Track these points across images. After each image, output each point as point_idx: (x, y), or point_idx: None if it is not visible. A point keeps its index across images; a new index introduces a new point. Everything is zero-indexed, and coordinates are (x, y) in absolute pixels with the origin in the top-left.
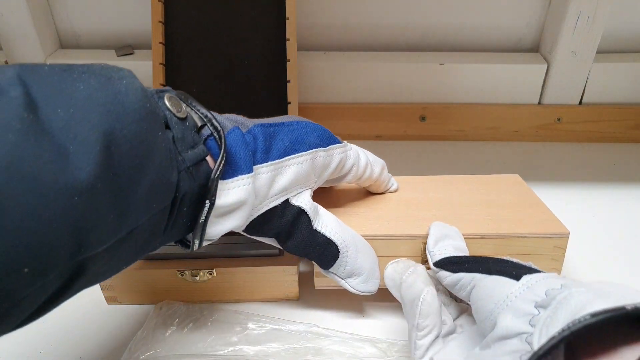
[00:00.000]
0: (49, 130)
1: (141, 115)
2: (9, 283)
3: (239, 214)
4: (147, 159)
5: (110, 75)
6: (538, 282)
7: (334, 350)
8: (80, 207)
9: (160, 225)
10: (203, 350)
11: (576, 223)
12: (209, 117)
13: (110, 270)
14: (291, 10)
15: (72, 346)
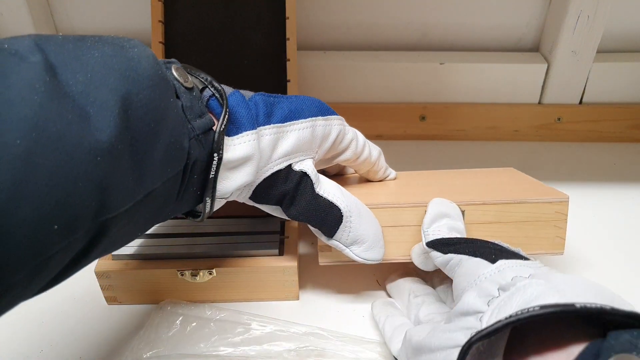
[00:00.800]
0: (69, 93)
1: (154, 81)
2: (40, 239)
3: (246, 170)
4: (161, 123)
5: (122, 44)
6: (510, 267)
7: (337, 352)
8: (103, 167)
9: (173, 191)
10: (206, 350)
11: (576, 223)
12: (209, 79)
13: (128, 235)
14: (291, 9)
15: (72, 346)
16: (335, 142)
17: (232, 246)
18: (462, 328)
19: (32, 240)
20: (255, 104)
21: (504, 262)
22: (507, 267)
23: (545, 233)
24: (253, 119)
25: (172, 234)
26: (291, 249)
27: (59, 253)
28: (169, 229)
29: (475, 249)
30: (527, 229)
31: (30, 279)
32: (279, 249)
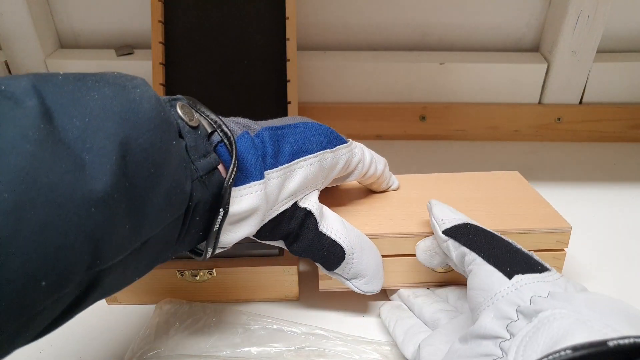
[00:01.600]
0: (64, 140)
1: (156, 123)
2: (27, 296)
3: (252, 221)
4: (162, 167)
5: (124, 84)
6: (527, 284)
7: (337, 353)
8: (97, 218)
9: (173, 235)
10: (206, 350)
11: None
12: (218, 122)
13: (124, 281)
14: (291, 9)
15: (72, 346)
16: (342, 169)
17: (232, 246)
18: (481, 355)
19: (18, 298)
20: (263, 142)
21: (520, 279)
22: (524, 285)
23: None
24: (261, 166)
25: None
26: None
27: (46, 309)
28: None
29: (490, 251)
30: None
31: (15, 336)
32: (279, 249)
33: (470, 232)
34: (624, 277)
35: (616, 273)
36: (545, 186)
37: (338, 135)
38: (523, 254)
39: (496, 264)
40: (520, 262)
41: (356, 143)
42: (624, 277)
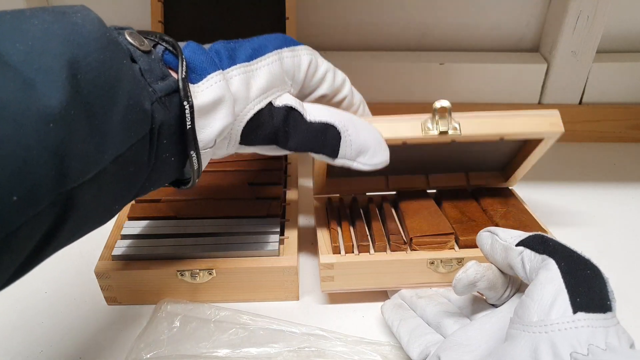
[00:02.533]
0: (9, 62)
1: (102, 43)
2: (2, 210)
3: (222, 112)
4: (116, 86)
5: (64, 11)
6: (588, 327)
7: (337, 353)
8: (56, 133)
9: (142, 157)
10: (206, 350)
11: (576, 223)
12: (159, 35)
13: (102, 207)
14: (291, 10)
15: (72, 346)
16: (307, 73)
17: (232, 246)
18: None
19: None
20: (216, 51)
21: (584, 318)
22: (585, 326)
23: None
24: (214, 63)
25: (172, 234)
26: (291, 249)
27: (23, 227)
28: (169, 229)
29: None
30: None
31: (1, 253)
32: (279, 250)
33: (547, 241)
34: (624, 277)
35: (616, 273)
36: (545, 186)
37: (295, 40)
38: (600, 282)
39: (569, 285)
40: (593, 295)
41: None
42: (624, 277)
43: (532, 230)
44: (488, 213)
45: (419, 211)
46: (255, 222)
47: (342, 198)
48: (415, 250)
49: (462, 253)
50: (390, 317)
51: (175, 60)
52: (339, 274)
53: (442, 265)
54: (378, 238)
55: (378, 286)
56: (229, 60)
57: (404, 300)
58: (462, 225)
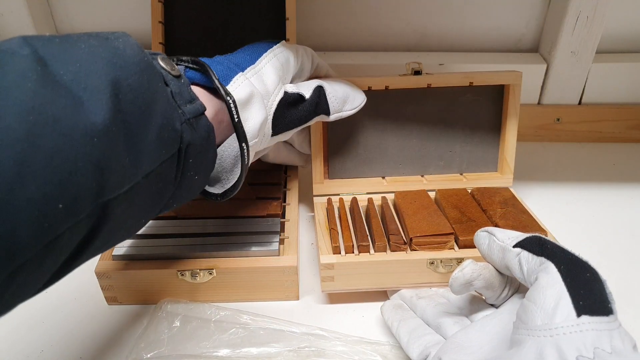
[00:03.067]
0: (60, 82)
1: (141, 67)
2: (48, 216)
3: (256, 105)
4: (152, 106)
5: (107, 37)
6: (593, 331)
7: (337, 353)
8: (99, 148)
9: (170, 175)
10: (206, 350)
11: (575, 223)
12: (176, 57)
13: (131, 220)
14: (291, 10)
15: (73, 346)
16: (306, 61)
17: (232, 246)
18: None
19: (39, 218)
20: (220, 62)
21: (588, 322)
22: (590, 330)
23: None
24: (233, 69)
25: (172, 234)
26: (291, 249)
27: (66, 233)
28: (169, 229)
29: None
30: None
31: (42, 259)
32: (279, 249)
33: (545, 243)
34: (624, 277)
35: (616, 273)
36: (544, 186)
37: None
38: (599, 285)
39: (570, 288)
40: (594, 298)
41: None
42: (624, 277)
43: (531, 230)
44: (487, 213)
45: (419, 211)
46: (256, 222)
47: (342, 198)
48: (415, 250)
49: (462, 253)
50: (390, 318)
51: (197, 75)
52: (339, 274)
53: (442, 265)
54: (378, 238)
55: (378, 286)
56: (237, 67)
57: (404, 300)
58: (462, 225)
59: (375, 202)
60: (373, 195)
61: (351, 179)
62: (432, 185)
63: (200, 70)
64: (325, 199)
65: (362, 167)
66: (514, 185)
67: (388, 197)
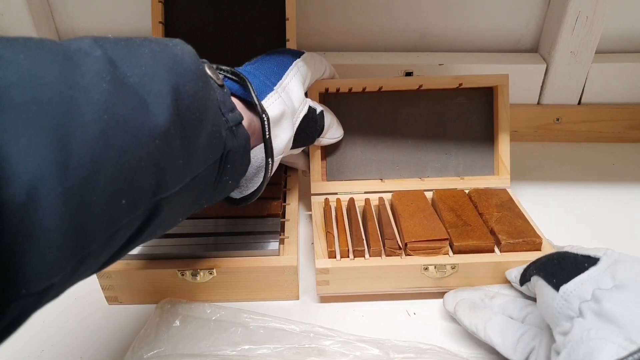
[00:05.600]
0: (128, 83)
1: (197, 75)
2: (113, 211)
3: (286, 123)
4: (205, 113)
5: (166, 43)
6: (573, 292)
7: (337, 351)
8: (160, 149)
9: (211, 178)
10: (206, 349)
11: (575, 223)
12: (218, 66)
13: (172, 218)
14: (291, 10)
15: (73, 346)
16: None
17: (232, 246)
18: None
19: (107, 212)
20: (255, 75)
21: (566, 289)
22: (570, 295)
23: None
24: (268, 85)
25: (172, 234)
26: (291, 249)
27: (123, 228)
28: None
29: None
30: None
31: (102, 250)
32: (279, 249)
33: (526, 271)
34: None
35: None
36: (544, 186)
37: (294, 50)
38: (569, 256)
39: (545, 277)
40: (566, 268)
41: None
42: None
43: (526, 236)
44: (484, 217)
45: (415, 214)
46: (256, 222)
47: (339, 198)
48: (409, 256)
49: (456, 259)
50: (472, 322)
51: (235, 86)
52: (334, 278)
53: (436, 270)
54: (373, 242)
55: (373, 290)
56: (267, 80)
57: (472, 302)
58: (457, 229)
59: (373, 202)
60: (370, 195)
61: (348, 181)
62: (430, 185)
63: (238, 82)
64: (322, 199)
65: (359, 168)
66: (514, 185)
67: (385, 198)
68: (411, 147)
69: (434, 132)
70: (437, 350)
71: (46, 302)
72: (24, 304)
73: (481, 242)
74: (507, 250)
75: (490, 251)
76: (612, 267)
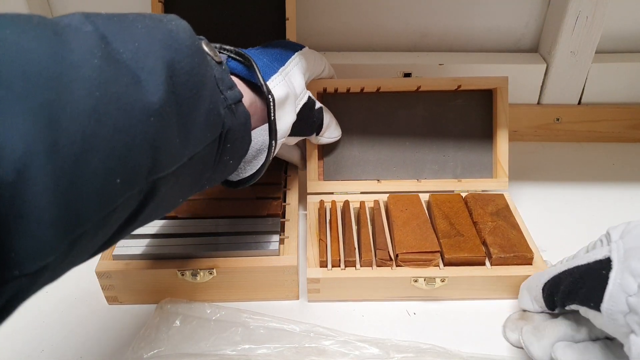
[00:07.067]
0: (121, 60)
1: (193, 50)
2: (107, 190)
3: (289, 107)
4: (202, 90)
5: (160, 18)
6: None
7: (337, 350)
8: (155, 127)
9: (210, 157)
10: (206, 349)
11: (575, 223)
12: (218, 45)
13: (173, 198)
14: (291, 10)
15: (73, 346)
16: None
17: (232, 246)
18: None
19: (100, 191)
20: (259, 58)
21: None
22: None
23: None
24: (272, 66)
25: (172, 234)
26: (291, 249)
27: (119, 208)
28: (169, 229)
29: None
30: None
31: (97, 230)
32: (279, 249)
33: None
34: None
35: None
36: (544, 186)
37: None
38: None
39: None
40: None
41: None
42: None
43: (518, 250)
44: (478, 226)
45: (409, 221)
46: (256, 222)
47: (334, 201)
48: (400, 267)
49: (446, 272)
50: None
51: (239, 66)
52: (325, 288)
53: (425, 283)
54: (365, 252)
55: (362, 298)
56: (271, 64)
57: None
58: (450, 240)
59: (368, 204)
60: (366, 196)
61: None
62: (426, 186)
63: (243, 63)
64: (318, 199)
65: (356, 169)
66: (513, 185)
67: (381, 199)
68: (409, 148)
69: (432, 134)
70: (437, 350)
71: (42, 284)
72: (17, 285)
73: (472, 255)
74: (498, 264)
75: (481, 264)
76: (625, 262)
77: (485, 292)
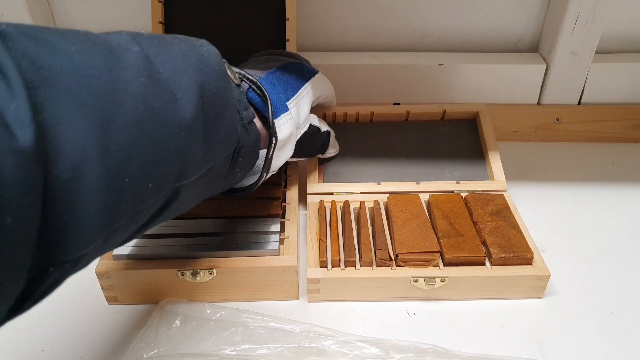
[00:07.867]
0: (161, 79)
1: (220, 75)
2: (140, 192)
3: (290, 145)
4: (224, 109)
5: (193, 43)
6: None
7: (337, 351)
8: (185, 140)
9: (224, 170)
10: (206, 349)
11: (575, 223)
12: (242, 73)
13: (188, 202)
14: (291, 11)
15: (73, 346)
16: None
17: (232, 246)
18: None
19: (135, 192)
20: (272, 83)
21: None
22: None
23: None
24: (284, 102)
25: (172, 234)
26: (291, 249)
27: (147, 208)
28: (169, 229)
29: None
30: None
31: (127, 226)
32: (279, 249)
33: None
34: (623, 277)
35: (616, 273)
36: (544, 186)
37: (311, 68)
38: None
39: None
40: None
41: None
42: (622, 277)
43: (518, 250)
44: (477, 226)
45: (409, 221)
46: (256, 222)
47: (334, 201)
48: (400, 267)
49: (446, 272)
50: None
51: (257, 98)
52: (325, 288)
53: (425, 283)
54: (365, 252)
55: (362, 298)
56: (284, 95)
57: None
58: (450, 240)
59: (368, 205)
60: (366, 196)
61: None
62: (426, 187)
63: (260, 96)
64: (318, 199)
65: (356, 172)
66: (513, 185)
67: (381, 200)
68: (405, 163)
69: (427, 152)
70: (437, 350)
71: (77, 269)
72: (61, 269)
73: (472, 255)
74: (498, 264)
75: (481, 264)
76: None
77: (485, 292)
